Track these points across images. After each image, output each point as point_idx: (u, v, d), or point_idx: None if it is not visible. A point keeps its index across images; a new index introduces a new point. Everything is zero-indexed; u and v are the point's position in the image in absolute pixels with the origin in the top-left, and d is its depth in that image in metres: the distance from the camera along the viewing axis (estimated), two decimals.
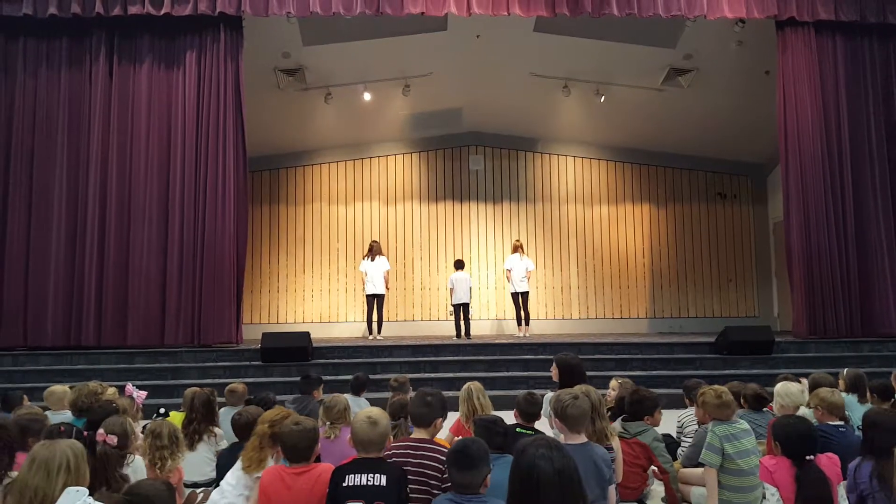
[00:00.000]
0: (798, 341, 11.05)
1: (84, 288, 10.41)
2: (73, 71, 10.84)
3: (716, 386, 4.77)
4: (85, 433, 4.15)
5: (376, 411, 3.74)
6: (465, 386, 5.36)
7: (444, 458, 3.78)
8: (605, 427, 4.48)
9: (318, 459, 3.92)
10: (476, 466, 3.06)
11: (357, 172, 15.31)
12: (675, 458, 5.72)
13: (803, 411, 5.31)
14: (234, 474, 4.18)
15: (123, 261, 10.51)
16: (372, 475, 3.43)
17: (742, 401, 5.52)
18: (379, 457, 3.61)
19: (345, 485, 3.43)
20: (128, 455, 3.98)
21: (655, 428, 5.29)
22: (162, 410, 6.04)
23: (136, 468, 3.96)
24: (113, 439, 3.90)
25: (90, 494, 2.84)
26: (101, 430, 3.95)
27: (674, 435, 6.14)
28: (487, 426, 3.98)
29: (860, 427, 4.41)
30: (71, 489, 2.67)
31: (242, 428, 4.83)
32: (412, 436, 4.09)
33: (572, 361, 5.81)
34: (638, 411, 5.27)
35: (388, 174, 15.36)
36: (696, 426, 5.61)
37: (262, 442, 4.16)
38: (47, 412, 6.07)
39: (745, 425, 4.53)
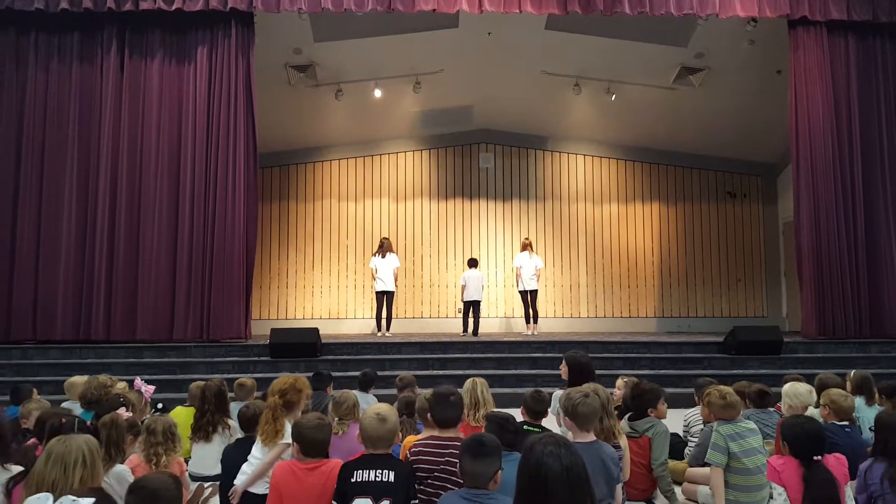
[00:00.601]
0: (807, 342, 11.01)
1: (94, 282, 10.44)
2: (85, 66, 10.86)
3: (721, 386, 4.77)
4: (88, 424, 4.19)
5: (385, 408, 3.74)
6: (471, 379, 5.34)
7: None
8: (612, 425, 4.48)
9: (326, 455, 3.94)
10: (489, 455, 3.07)
11: (367, 169, 15.33)
12: (682, 458, 5.72)
13: (811, 411, 5.30)
14: (258, 447, 4.41)
15: (133, 255, 10.54)
16: (380, 471, 3.45)
17: (746, 400, 5.51)
18: (387, 453, 3.61)
19: (353, 480, 3.45)
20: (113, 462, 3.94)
21: (663, 420, 5.26)
22: (160, 406, 6.05)
23: (120, 476, 3.89)
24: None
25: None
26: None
27: (680, 433, 6.13)
28: (500, 423, 3.97)
29: (871, 428, 4.40)
30: (31, 498, 2.69)
31: (249, 420, 4.84)
32: (437, 433, 4.03)
33: (582, 360, 5.80)
34: (641, 405, 5.26)
35: (399, 171, 15.37)
36: (702, 425, 5.61)
37: (276, 413, 4.39)
38: (65, 403, 6.11)
39: (751, 424, 4.53)
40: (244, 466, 4.41)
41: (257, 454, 4.38)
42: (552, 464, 2.57)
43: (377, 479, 3.43)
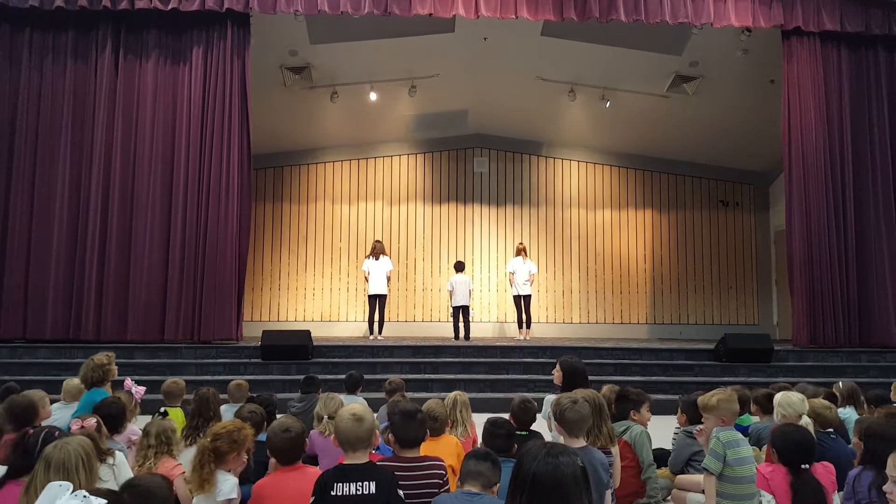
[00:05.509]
0: (796, 350, 11.06)
1: (85, 281, 10.40)
2: (79, 64, 10.81)
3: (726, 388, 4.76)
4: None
5: (359, 407, 3.57)
6: (451, 397, 5.23)
7: (443, 472, 3.76)
8: (610, 430, 4.46)
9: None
10: (493, 463, 3.19)
11: (361, 172, 15.33)
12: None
13: (805, 420, 5.28)
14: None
15: (125, 255, 10.50)
16: (360, 483, 3.31)
17: (752, 406, 5.52)
18: (366, 462, 3.47)
19: (333, 493, 3.30)
20: (107, 457, 3.86)
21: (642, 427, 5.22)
22: (162, 410, 6.01)
23: (119, 470, 3.87)
24: (91, 422, 4.00)
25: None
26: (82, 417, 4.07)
27: (671, 439, 6.11)
28: (489, 425, 4.15)
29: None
30: (53, 484, 2.68)
31: None
32: (404, 454, 3.88)
33: (577, 365, 5.79)
34: (624, 409, 5.23)
35: (393, 174, 15.37)
36: (681, 432, 5.56)
37: (204, 459, 3.80)
38: (55, 404, 6.06)
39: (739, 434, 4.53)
40: None
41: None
42: (548, 469, 2.57)
43: (358, 492, 3.29)
